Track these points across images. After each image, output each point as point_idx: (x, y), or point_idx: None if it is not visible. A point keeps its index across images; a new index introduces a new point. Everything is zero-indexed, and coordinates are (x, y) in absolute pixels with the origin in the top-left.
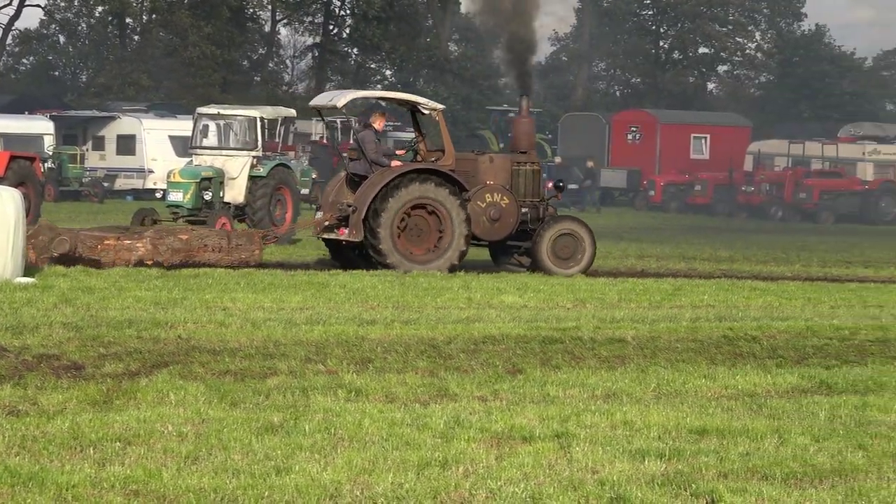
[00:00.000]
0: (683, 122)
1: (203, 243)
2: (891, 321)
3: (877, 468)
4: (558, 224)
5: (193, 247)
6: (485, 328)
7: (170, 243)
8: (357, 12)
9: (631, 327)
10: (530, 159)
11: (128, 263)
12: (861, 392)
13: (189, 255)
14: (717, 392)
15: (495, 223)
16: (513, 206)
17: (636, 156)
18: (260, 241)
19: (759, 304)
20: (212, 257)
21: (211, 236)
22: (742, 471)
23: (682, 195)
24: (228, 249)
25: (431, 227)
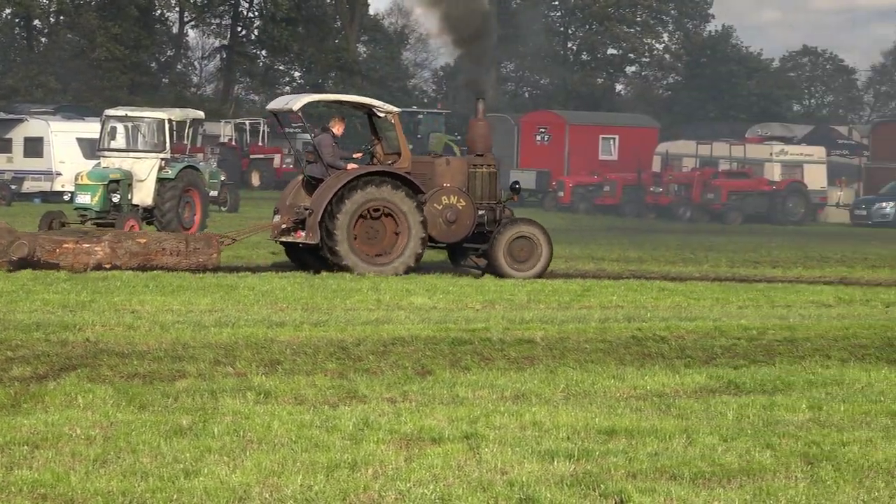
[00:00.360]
0: (592, 123)
1: (161, 247)
2: (798, 321)
3: (784, 467)
4: (515, 227)
5: (151, 250)
6: (394, 330)
7: (128, 247)
8: (265, 14)
9: (540, 328)
10: (487, 162)
11: (86, 267)
12: (769, 392)
13: (147, 259)
14: (625, 392)
15: (452, 225)
16: (469, 208)
17: (545, 157)
18: (218, 245)
19: (668, 305)
20: (170, 261)
21: (169, 240)
22: (651, 471)
23: (590, 196)
24: (186, 253)
25: (388, 229)
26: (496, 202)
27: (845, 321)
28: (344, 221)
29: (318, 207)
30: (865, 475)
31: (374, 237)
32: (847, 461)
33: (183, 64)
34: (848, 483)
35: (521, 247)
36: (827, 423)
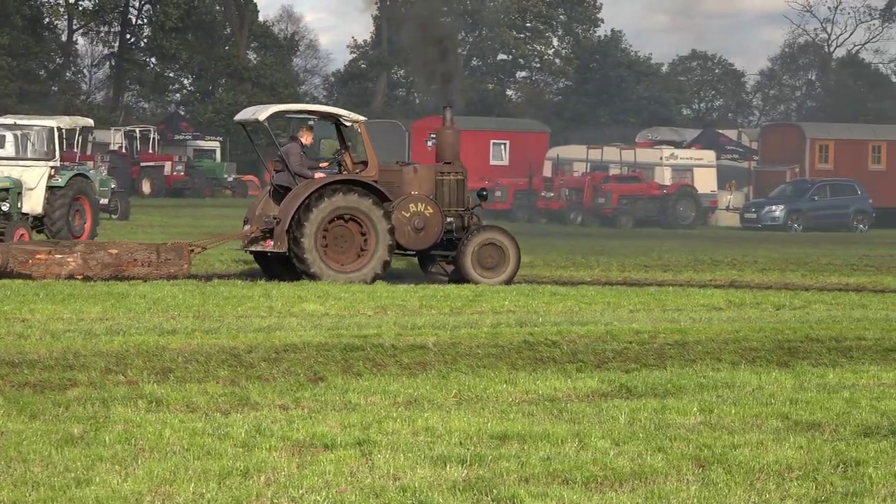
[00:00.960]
0: (483, 128)
1: (132, 258)
2: (689, 324)
3: (676, 470)
4: (483, 234)
5: (123, 261)
6: (286, 336)
7: (100, 258)
8: (154, 22)
9: (432, 333)
10: (455, 170)
11: (58, 277)
12: (660, 395)
13: (119, 270)
14: (518, 397)
15: (420, 233)
16: (437, 215)
17: None
18: (189, 255)
19: (560, 309)
20: (141, 271)
21: (140, 251)
22: (543, 475)
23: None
24: (157, 264)
25: (356, 237)
26: (464, 209)
27: (736, 324)
28: (311, 230)
29: (286, 216)
30: (756, 477)
31: (342, 245)
32: (738, 463)
33: (72, 72)
34: (739, 485)
35: (489, 254)
36: (718, 426)
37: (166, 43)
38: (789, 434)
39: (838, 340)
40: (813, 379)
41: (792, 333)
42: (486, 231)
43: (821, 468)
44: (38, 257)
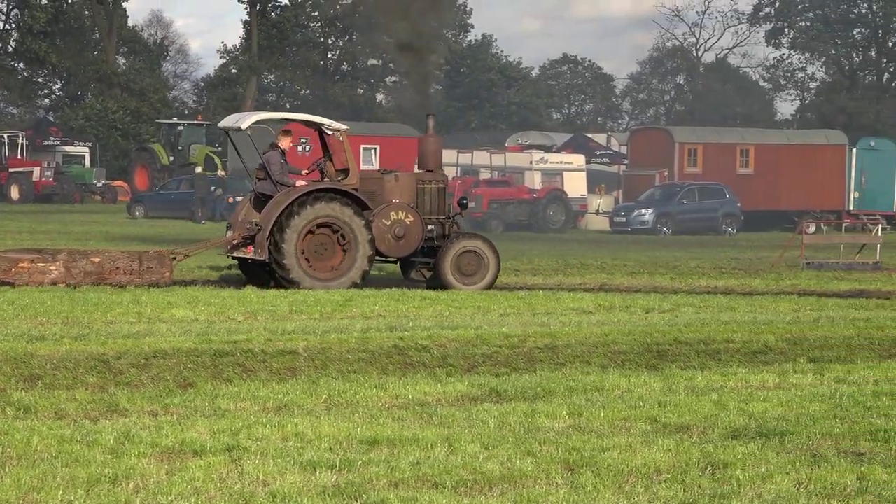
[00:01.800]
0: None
1: (115, 266)
2: (559, 328)
3: (545, 474)
4: (462, 241)
5: (105, 269)
6: (155, 342)
7: (82, 266)
8: (22, 26)
9: (302, 339)
10: (436, 177)
11: (41, 285)
12: (530, 399)
13: (101, 278)
14: (387, 402)
15: (400, 240)
16: (417, 223)
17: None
18: (170, 263)
19: (430, 314)
20: (123, 279)
21: (122, 259)
22: (413, 480)
23: None
24: (139, 272)
25: (336, 245)
26: (445, 217)
27: (605, 328)
28: (292, 237)
29: (267, 223)
30: (625, 480)
31: (323, 253)
32: (607, 467)
33: None
34: (608, 488)
35: (468, 261)
36: (587, 430)
37: (34, 47)
38: (658, 437)
39: (707, 343)
40: (681, 381)
41: (661, 336)
42: (466, 238)
43: (689, 470)
44: (21, 266)
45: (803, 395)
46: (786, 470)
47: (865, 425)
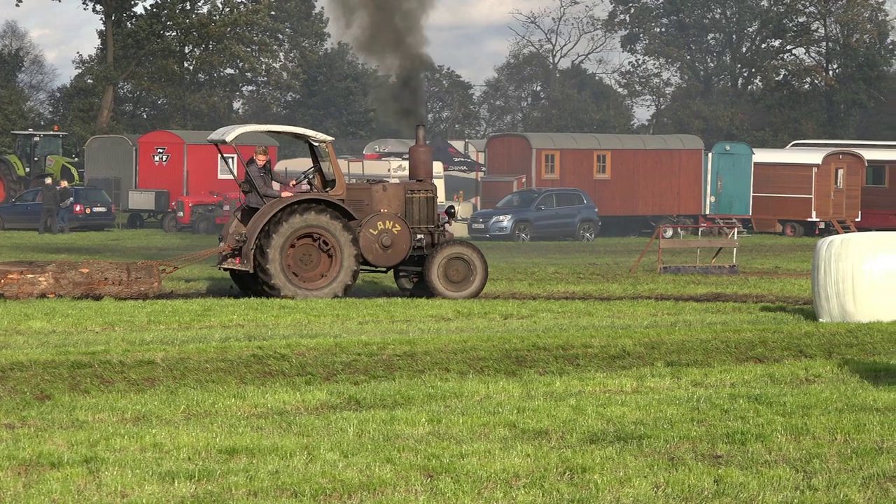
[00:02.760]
0: None
1: (103, 276)
2: (418, 335)
3: (404, 481)
4: (449, 249)
5: (94, 280)
6: (12, 355)
7: (71, 277)
8: None
9: (160, 349)
10: (425, 187)
11: (31, 296)
12: (389, 406)
13: (90, 288)
14: (247, 411)
15: (387, 250)
16: (405, 232)
17: (164, 177)
18: (159, 274)
19: (289, 322)
20: (112, 290)
21: (111, 270)
22: (272, 489)
23: (210, 216)
24: (128, 282)
25: (321, 255)
26: (434, 226)
27: (464, 334)
28: (276, 248)
29: (252, 235)
30: (484, 486)
31: (308, 262)
32: (466, 473)
33: None
34: (467, 494)
35: (456, 268)
36: (446, 436)
37: None
38: (516, 442)
39: (565, 348)
40: (540, 387)
41: (519, 342)
42: (453, 246)
43: (547, 475)
44: (10, 277)
45: (661, 398)
46: (644, 473)
47: (722, 428)
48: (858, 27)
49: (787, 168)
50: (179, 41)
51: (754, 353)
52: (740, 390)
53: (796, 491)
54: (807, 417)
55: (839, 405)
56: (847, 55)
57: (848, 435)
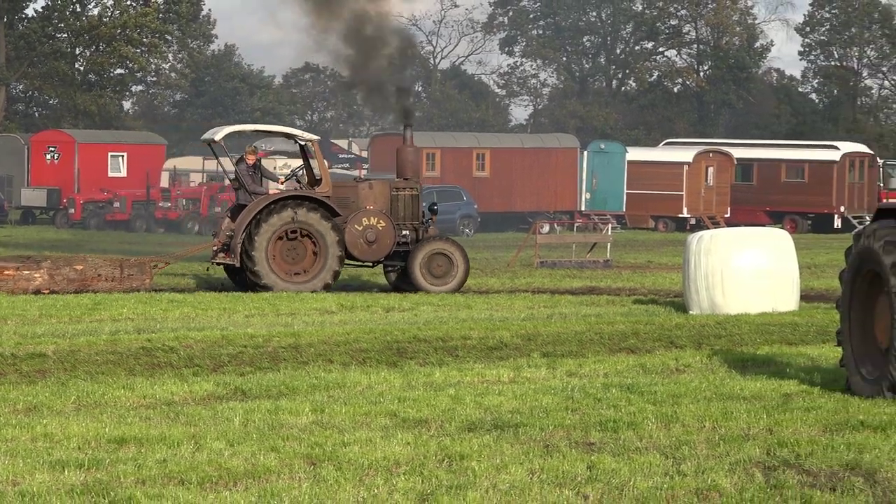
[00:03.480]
0: (101, 141)
1: (97, 273)
2: (302, 328)
3: (288, 469)
4: (431, 244)
5: (88, 276)
6: None
7: (65, 273)
8: None
9: (51, 342)
10: (410, 185)
11: (26, 292)
12: (274, 396)
13: (84, 285)
14: (135, 402)
15: (372, 245)
16: (389, 228)
17: (56, 175)
18: (150, 270)
19: (177, 315)
20: (105, 286)
21: (104, 266)
22: (159, 477)
23: (101, 212)
24: (121, 279)
25: (307, 249)
26: (419, 222)
27: (347, 327)
28: (262, 243)
29: (239, 230)
30: (365, 473)
31: (294, 257)
32: (348, 461)
33: None
34: (349, 481)
35: (438, 263)
36: (329, 425)
37: None
38: (397, 431)
39: (444, 340)
40: (420, 377)
41: (400, 334)
42: (436, 242)
43: (427, 462)
44: (6, 273)
45: (537, 388)
46: (520, 460)
47: (595, 416)
48: (728, 30)
49: (660, 166)
50: (70, 43)
51: (627, 344)
52: (613, 380)
53: (666, 476)
54: (677, 406)
55: (708, 394)
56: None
57: (716, 422)
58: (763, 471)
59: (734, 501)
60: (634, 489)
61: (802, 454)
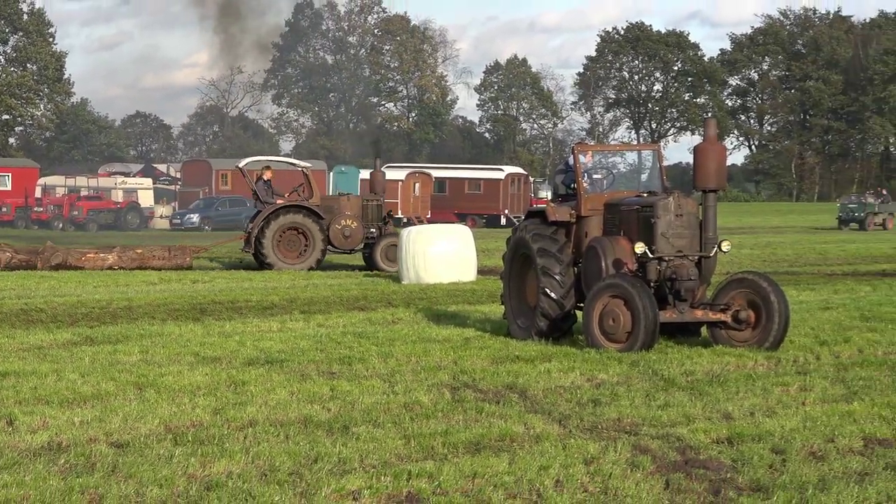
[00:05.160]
0: None
1: (152, 254)
2: (134, 294)
3: (122, 392)
4: (389, 238)
5: (146, 257)
6: None
7: (130, 255)
8: None
9: None
10: (376, 198)
11: (101, 269)
12: (113, 342)
13: (143, 263)
14: (15, 347)
15: (348, 238)
16: (360, 227)
17: None
18: (191, 253)
19: (46, 287)
20: (158, 264)
21: (157, 250)
22: (31, 399)
23: None
24: (169, 258)
25: (301, 241)
26: (381, 223)
27: (165, 294)
28: (270, 236)
29: (255, 228)
30: (176, 395)
31: (291, 247)
32: (165, 386)
33: None
34: (164, 400)
35: (394, 251)
36: (151, 362)
37: None
38: (199, 365)
39: (233, 302)
40: (216, 328)
41: (202, 298)
42: (392, 237)
43: (219, 387)
44: (88, 256)
45: (296, 335)
46: (283, 385)
47: (336, 354)
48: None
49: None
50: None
51: (359, 304)
52: (349, 329)
53: (384, 395)
54: (392, 346)
55: (413, 338)
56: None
57: (419, 357)
58: (450, 390)
59: (430, 411)
60: (362, 404)
61: (477, 378)
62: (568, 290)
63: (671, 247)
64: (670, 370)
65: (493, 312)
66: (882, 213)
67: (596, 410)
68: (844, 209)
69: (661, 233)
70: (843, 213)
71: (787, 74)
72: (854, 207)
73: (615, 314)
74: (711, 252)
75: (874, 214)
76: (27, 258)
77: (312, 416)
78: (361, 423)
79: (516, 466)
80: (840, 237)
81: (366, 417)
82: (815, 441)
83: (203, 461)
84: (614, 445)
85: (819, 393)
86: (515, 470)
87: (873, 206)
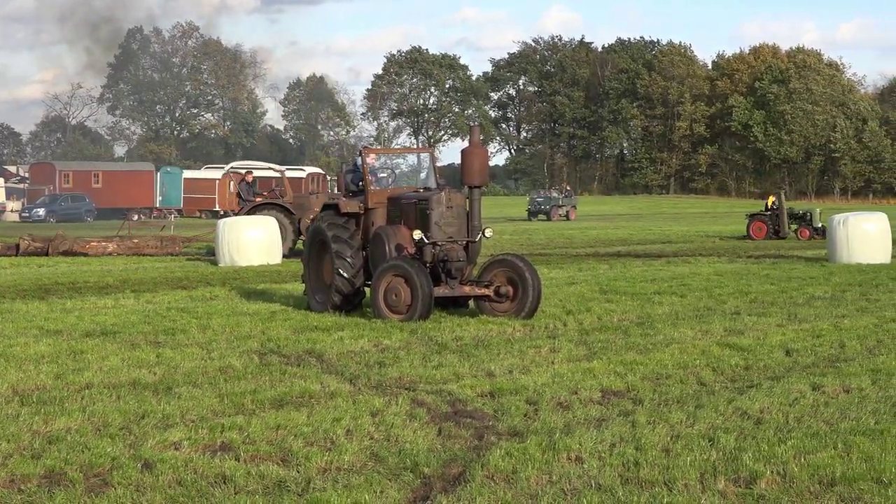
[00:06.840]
0: None
1: (147, 243)
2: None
3: None
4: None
5: (141, 246)
6: None
7: (127, 244)
8: None
9: None
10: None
11: (103, 255)
12: None
13: (139, 250)
14: None
15: None
16: None
17: None
18: (181, 243)
19: None
20: (151, 251)
21: (151, 240)
22: None
23: None
24: (162, 247)
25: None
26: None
27: (15, 277)
28: None
29: None
30: (23, 363)
31: None
32: (13, 355)
33: None
34: (13, 368)
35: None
36: (2, 335)
37: None
38: (43, 337)
39: (73, 283)
40: (58, 305)
41: (46, 280)
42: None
43: (60, 356)
44: (91, 244)
45: (128, 310)
46: (116, 353)
47: (162, 326)
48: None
49: (202, 181)
50: None
51: (182, 283)
52: (173, 305)
53: (201, 360)
54: (210, 319)
55: (228, 312)
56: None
57: (232, 328)
58: (259, 356)
59: (241, 374)
60: (183, 368)
61: (281, 345)
62: (358, 271)
63: (443, 233)
64: (443, 336)
65: (296, 290)
66: (566, 206)
67: (381, 371)
68: (533, 202)
69: (435, 222)
70: (532, 206)
71: (540, 90)
72: (541, 201)
73: (397, 290)
74: (477, 238)
75: (559, 207)
76: None
77: (140, 379)
78: (182, 385)
79: (314, 419)
80: (529, 226)
81: (186, 379)
82: (561, 393)
83: (46, 419)
84: (396, 400)
85: (566, 353)
86: (313, 422)
87: (558, 199)
